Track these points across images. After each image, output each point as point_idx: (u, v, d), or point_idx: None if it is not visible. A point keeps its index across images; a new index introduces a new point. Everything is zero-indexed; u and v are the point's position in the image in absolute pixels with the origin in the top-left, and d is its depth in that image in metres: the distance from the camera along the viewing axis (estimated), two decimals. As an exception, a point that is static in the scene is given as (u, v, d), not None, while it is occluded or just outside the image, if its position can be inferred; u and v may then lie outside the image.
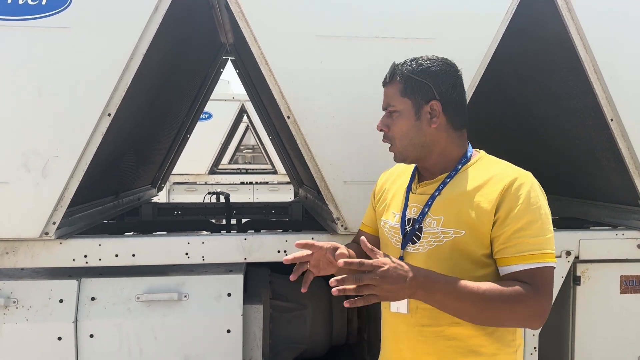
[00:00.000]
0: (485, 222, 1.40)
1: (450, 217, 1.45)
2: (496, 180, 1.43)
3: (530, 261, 1.36)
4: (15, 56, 2.11)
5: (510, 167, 1.49)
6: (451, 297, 1.32)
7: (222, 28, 3.36)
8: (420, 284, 1.29)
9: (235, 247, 2.39)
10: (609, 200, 2.92)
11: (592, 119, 2.64)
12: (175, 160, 4.63)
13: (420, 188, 1.56)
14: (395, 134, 1.53)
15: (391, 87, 1.54)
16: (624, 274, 2.58)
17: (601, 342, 2.58)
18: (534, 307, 1.35)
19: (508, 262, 1.39)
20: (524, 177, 1.44)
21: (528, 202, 1.38)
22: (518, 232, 1.37)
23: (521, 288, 1.34)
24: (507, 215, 1.38)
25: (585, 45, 2.39)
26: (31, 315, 2.24)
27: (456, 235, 1.43)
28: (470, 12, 2.29)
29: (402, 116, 1.52)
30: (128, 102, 2.27)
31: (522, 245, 1.37)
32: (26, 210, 2.18)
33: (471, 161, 1.53)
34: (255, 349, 2.44)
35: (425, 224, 1.49)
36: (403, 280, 1.27)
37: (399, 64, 1.54)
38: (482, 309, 1.33)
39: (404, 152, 1.54)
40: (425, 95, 1.50)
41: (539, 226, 1.38)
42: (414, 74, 1.50)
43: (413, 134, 1.51)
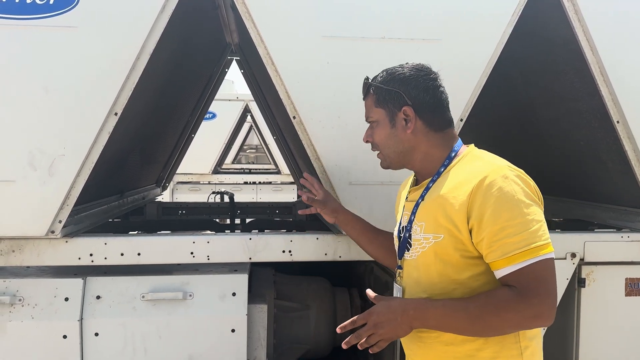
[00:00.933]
0: (460, 227, 1.39)
1: (430, 223, 1.47)
2: (466, 181, 1.41)
3: (515, 262, 1.32)
4: (22, 55, 2.11)
5: (485, 163, 1.45)
6: (444, 320, 1.37)
7: (227, 28, 3.36)
8: (412, 317, 1.38)
9: (240, 247, 2.40)
10: (615, 203, 2.91)
11: (597, 120, 2.64)
12: (180, 160, 4.64)
13: (410, 194, 1.61)
14: (378, 143, 1.61)
15: (367, 100, 1.62)
16: (629, 276, 2.57)
17: (606, 345, 2.58)
18: (525, 310, 1.32)
19: (496, 267, 1.37)
20: (494, 172, 1.38)
21: (501, 199, 1.34)
22: (498, 234, 1.33)
23: (506, 294, 1.33)
24: (481, 219, 1.35)
25: (592, 46, 2.39)
26: (37, 314, 2.25)
27: (435, 240, 1.44)
28: (476, 14, 2.29)
29: (380, 125, 1.58)
30: (134, 101, 2.28)
31: (505, 246, 1.33)
32: (32, 209, 2.18)
33: (454, 162, 1.52)
34: (259, 348, 2.44)
35: (413, 230, 1.52)
36: (395, 321, 1.38)
37: (373, 78, 1.61)
38: (474, 324, 1.35)
39: (387, 159, 1.62)
40: (397, 103, 1.54)
41: (520, 222, 1.33)
42: (384, 83, 1.56)
43: (391, 142, 1.57)
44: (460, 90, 2.28)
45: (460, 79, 2.28)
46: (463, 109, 2.31)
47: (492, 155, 1.52)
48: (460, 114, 2.30)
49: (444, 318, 1.37)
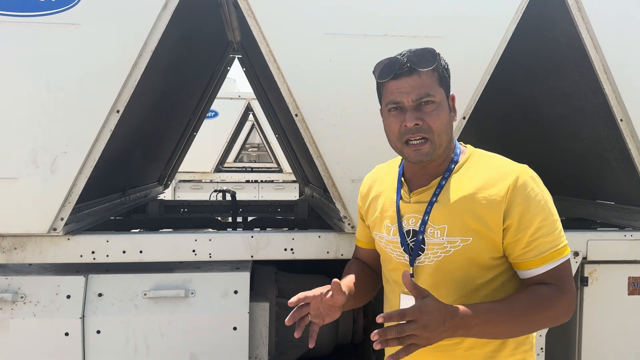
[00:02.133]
0: (494, 228, 1.36)
1: (455, 226, 1.38)
2: (496, 180, 1.38)
3: (550, 261, 1.35)
4: (24, 52, 2.11)
5: (505, 163, 1.44)
6: (488, 325, 1.30)
7: (229, 26, 3.36)
8: (457, 325, 1.26)
9: (242, 245, 2.39)
10: (618, 201, 2.91)
11: (601, 119, 2.63)
12: (182, 158, 4.64)
13: (415, 196, 1.46)
14: (435, 127, 1.37)
15: (426, 76, 1.36)
16: (631, 275, 2.57)
17: (608, 344, 2.57)
18: (564, 306, 1.35)
19: (530, 266, 1.37)
20: (523, 172, 1.38)
21: (536, 200, 1.35)
22: (536, 233, 1.35)
23: (548, 292, 1.34)
24: (520, 219, 1.35)
25: (596, 44, 2.38)
26: (39, 311, 2.25)
27: (464, 244, 1.38)
28: (480, 11, 2.28)
29: (441, 108, 1.38)
30: (136, 99, 2.28)
31: (541, 246, 1.35)
32: (34, 206, 2.18)
33: (462, 159, 1.47)
34: (261, 346, 2.44)
35: (428, 234, 1.41)
36: (442, 326, 1.23)
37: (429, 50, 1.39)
38: (518, 325, 1.33)
39: (438, 149, 1.39)
40: (449, 88, 1.44)
41: (550, 221, 1.37)
42: (442, 63, 1.41)
43: (449, 128, 1.41)
44: (464, 88, 2.27)
45: (464, 77, 2.26)
46: (466, 106, 2.30)
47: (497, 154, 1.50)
48: (463, 111, 2.30)
49: (488, 323, 1.30)
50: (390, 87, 1.39)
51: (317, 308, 1.42)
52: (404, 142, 1.40)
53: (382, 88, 1.44)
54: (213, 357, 2.31)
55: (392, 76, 1.37)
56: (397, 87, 1.37)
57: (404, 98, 1.36)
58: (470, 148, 1.51)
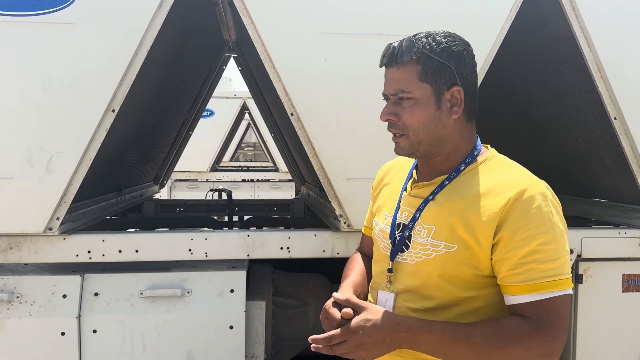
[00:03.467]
0: (482, 241, 1.21)
1: (442, 229, 1.26)
2: (499, 191, 1.23)
3: (540, 291, 1.17)
4: (19, 51, 2.11)
5: (520, 174, 1.28)
6: (440, 346, 1.17)
7: (225, 25, 3.35)
8: (402, 340, 1.17)
9: (239, 244, 2.40)
10: (612, 199, 2.92)
11: (595, 117, 2.64)
12: (178, 157, 4.64)
13: (415, 190, 1.37)
14: (409, 124, 1.27)
15: (404, 69, 1.25)
16: (626, 272, 2.58)
17: (603, 341, 2.58)
18: (538, 347, 1.16)
19: (513, 291, 1.20)
20: (534, 187, 1.22)
21: (540, 219, 1.18)
22: (529, 256, 1.17)
23: (521, 326, 1.16)
24: (513, 235, 1.18)
25: (589, 43, 2.39)
26: (35, 311, 2.25)
27: (447, 250, 1.25)
28: (474, 10, 2.29)
29: (420, 104, 1.26)
30: (132, 98, 2.28)
31: (531, 272, 1.17)
32: (30, 206, 2.18)
33: (477, 161, 1.33)
34: (257, 345, 2.45)
35: (415, 231, 1.31)
36: (382, 342, 1.16)
37: (412, 40, 1.26)
38: (477, 356, 1.17)
39: (415, 146, 1.30)
40: (447, 81, 1.26)
41: (553, 248, 1.18)
42: (435, 54, 1.25)
43: (432, 126, 1.28)
44: (458, 86, 2.28)
45: (458, 76, 2.28)
46: (461, 105, 2.31)
47: (520, 165, 1.34)
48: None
49: (440, 345, 1.17)
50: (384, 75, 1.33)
51: None
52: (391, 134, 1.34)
53: None
54: (209, 356, 2.32)
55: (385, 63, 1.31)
56: (385, 77, 1.32)
57: (387, 90, 1.31)
58: (492, 152, 1.37)
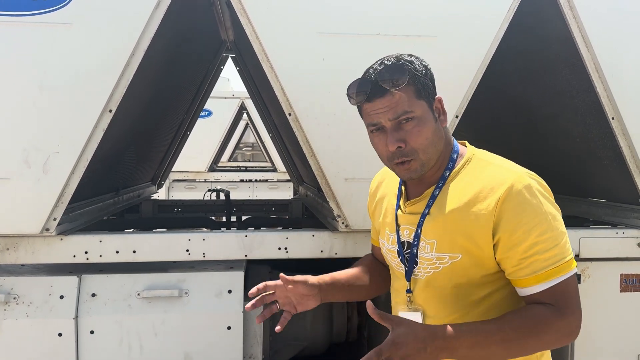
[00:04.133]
0: (483, 245, 1.27)
1: (444, 242, 1.31)
2: (487, 192, 1.27)
3: (548, 279, 1.23)
4: (16, 52, 2.10)
5: (501, 169, 1.32)
6: (476, 348, 1.20)
7: (222, 25, 3.35)
8: (440, 347, 1.18)
9: (236, 244, 2.39)
10: (610, 199, 2.92)
11: (593, 117, 2.64)
12: (175, 158, 4.63)
13: (409, 207, 1.41)
14: (418, 145, 1.29)
15: (400, 92, 1.27)
16: (624, 272, 2.58)
17: (601, 341, 2.59)
18: (564, 328, 1.23)
19: (525, 284, 1.26)
20: (519, 180, 1.26)
21: (532, 212, 1.24)
22: (529, 250, 1.23)
23: (545, 313, 1.22)
24: (511, 234, 1.24)
25: (587, 43, 2.39)
26: (32, 312, 2.24)
27: (452, 261, 1.30)
28: (472, 10, 2.29)
29: (424, 121, 1.29)
30: (129, 98, 2.27)
31: (536, 263, 1.23)
32: (27, 206, 2.18)
33: (458, 165, 1.37)
34: (255, 346, 2.44)
35: (420, 247, 1.36)
36: (424, 352, 1.16)
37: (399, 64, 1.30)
38: (509, 349, 1.22)
39: (428, 163, 1.33)
40: (431, 93, 1.33)
41: (549, 236, 1.24)
42: (417, 71, 1.30)
43: (436, 139, 1.32)
44: (456, 86, 2.28)
45: (456, 75, 2.28)
46: (459, 105, 2.31)
47: (500, 158, 1.38)
48: (455, 110, 2.31)
49: (476, 346, 1.19)
50: (366, 109, 1.33)
51: (284, 297, 1.46)
52: (393, 163, 1.34)
53: (360, 110, 1.38)
54: (207, 356, 2.31)
55: (366, 99, 1.31)
56: (373, 109, 1.30)
57: (381, 118, 1.30)
58: (470, 150, 1.40)
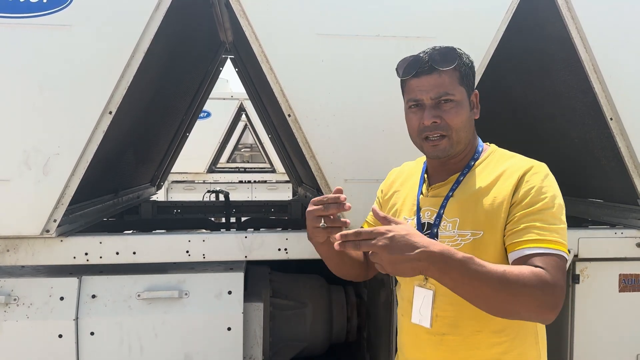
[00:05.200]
0: (502, 218, 1.34)
1: (466, 219, 1.38)
2: (510, 173, 1.38)
3: (542, 245, 1.27)
4: (16, 54, 2.10)
5: (524, 159, 1.44)
6: (467, 275, 1.18)
7: (221, 26, 3.36)
8: (433, 259, 1.16)
9: (236, 245, 2.40)
10: (608, 199, 2.93)
11: (591, 117, 2.65)
12: (175, 159, 4.64)
13: (433, 190, 1.49)
14: (453, 124, 1.40)
15: (446, 75, 1.40)
16: (622, 272, 2.59)
17: (600, 341, 2.59)
18: (550, 295, 1.22)
19: (519, 246, 1.30)
20: (539, 166, 1.39)
21: (541, 190, 1.33)
22: (531, 215, 1.30)
23: (538, 271, 1.23)
24: (522, 199, 1.33)
25: (585, 44, 2.40)
26: (32, 313, 2.24)
27: (474, 237, 1.36)
28: (470, 11, 2.30)
29: (461, 106, 1.42)
30: (129, 100, 2.27)
31: (532, 228, 1.29)
32: (27, 208, 2.18)
33: (482, 156, 1.48)
34: (255, 346, 2.45)
35: (441, 227, 1.42)
36: (409, 250, 1.14)
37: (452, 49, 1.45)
38: (499, 291, 1.20)
39: (456, 146, 1.43)
40: (472, 85, 1.47)
41: (552, 214, 1.31)
42: (464, 61, 1.45)
43: (469, 125, 1.45)
44: (455, 87, 2.29)
45: (455, 77, 2.28)
46: (458, 106, 2.31)
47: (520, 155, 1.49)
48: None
49: (469, 273, 1.18)
50: (411, 84, 1.43)
51: None
52: (423, 138, 1.44)
53: (404, 85, 1.48)
54: (207, 357, 2.32)
55: (414, 74, 1.42)
56: (418, 86, 1.41)
57: (424, 96, 1.40)
58: (493, 147, 1.53)
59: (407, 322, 1.50)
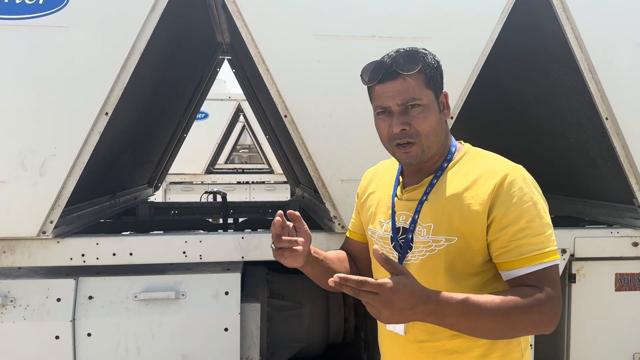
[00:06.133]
0: (477, 227, 1.31)
1: (441, 224, 1.36)
2: (485, 179, 1.34)
3: (534, 262, 1.27)
4: (12, 55, 2.11)
5: (498, 161, 1.39)
6: (465, 318, 1.20)
7: (218, 27, 3.36)
8: (429, 312, 1.17)
9: (233, 246, 2.40)
10: (604, 199, 2.94)
11: (587, 117, 2.66)
12: (172, 160, 4.64)
13: (407, 193, 1.45)
14: (422, 130, 1.35)
15: (411, 79, 1.35)
16: (618, 271, 2.60)
17: (596, 340, 2.60)
18: (548, 311, 1.25)
19: (511, 266, 1.29)
20: (514, 172, 1.34)
21: (522, 200, 1.30)
22: (517, 234, 1.28)
23: (534, 292, 1.24)
24: (502, 216, 1.29)
25: (580, 44, 2.41)
26: (28, 315, 2.24)
27: (448, 243, 1.34)
28: (466, 12, 2.31)
29: (430, 110, 1.37)
30: (125, 101, 2.27)
31: (523, 247, 1.28)
32: (23, 209, 2.18)
33: (456, 157, 1.44)
34: (252, 347, 2.45)
35: (416, 232, 1.39)
36: (409, 309, 1.15)
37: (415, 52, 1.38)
38: (498, 324, 1.22)
39: (428, 151, 1.38)
40: (439, 86, 1.41)
41: (538, 224, 1.29)
42: (429, 63, 1.38)
43: (439, 129, 1.39)
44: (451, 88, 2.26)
45: (451, 77, 2.24)
46: (453, 106, 2.32)
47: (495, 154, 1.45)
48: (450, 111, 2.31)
49: (465, 316, 1.20)
50: (376, 91, 1.39)
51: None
52: (394, 145, 1.40)
53: (370, 91, 1.44)
54: (204, 358, 2.32)
55: (378, 80, 1.37)
56: (383, 92, 1.37)
57: (390, 102, 1.36)
58: (467, 146, 1.48)
59: (384, 330, 1.49)
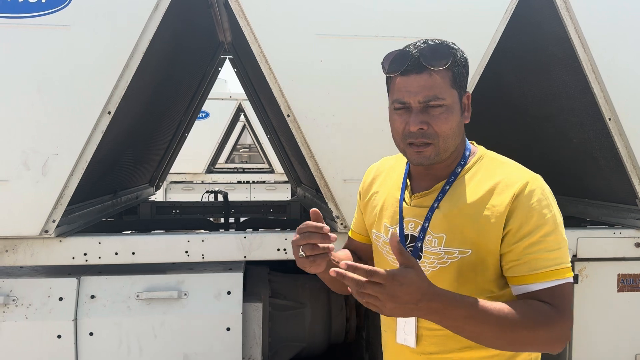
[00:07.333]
0: (493, 238, 1.22)
1: (454, 236, 1.25)
2: (502, 188, 1.24)
3: (548, 279, 1.19)
4: (14, 54, 2.10)
5: (516, 169, 1.30)
6: (470, 322, 1.12)
7: (220, 27, 3.36)
8: (434, 309, 1.09)
9: (235, 246, 2.40)
10: (607, 199, 2.93)
11: (590, 118, 2.65)
12: (173, 159, 4.64)
13: (416, 199, 1.34)
14: (441, 132, 1.23)
15: (438, 75, 1.21)
16: (621, 272, 2.60)
17: (599, 340, 2.60)
18: (558, 331, 1.16)
19: (523, 281, 1.21)
20: (534, 182, 1.25)
21: (541, 213, 1.21)
22: (532, 247, 1.19)
23: (544, 310, 1.16)
24: (519, 228, 1.20)
25: (584, 44, 2.40)
26: (31, 314, 2.24)
27: (462, 256, 1.24)
28: (469, 11, 2.30)
29: (452, 111, 1.24)
30: (128, 100, 2.27)
31: (537, 261, 1.19)
32: (26, 209, 2.18)
33: (470, 162, 1.33)
34: (254, 347, 2.45)
35: (426, 242, 1.29)
36: (414, 304, 1.06)
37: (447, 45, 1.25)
38: (503, 333, 1.14)
39: (442, 154, 1.26)
40: (464, 86, 1.29)
41: (554, 239, 1.21)
42: (458, 60, 1.25)
43: (458, 132, 1.27)
44: (454, 88, 2.29)
45: (454, 77, 2.29)
46: (456, 106, 2.31)
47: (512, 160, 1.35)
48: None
49: (471, 320, 1.12)
50: (398, 83, 1.25)
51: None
52: (407, 143, 1.27)
53: (390, 82, 1.30)
54: (206, 357, 2.32)
55: (401, 72, 1.23)
56: (405, 86, 1.23)
57: (411, 98, 1.22)
58: (481, 150, 1.37)
59: (391, 341, 1.41)
